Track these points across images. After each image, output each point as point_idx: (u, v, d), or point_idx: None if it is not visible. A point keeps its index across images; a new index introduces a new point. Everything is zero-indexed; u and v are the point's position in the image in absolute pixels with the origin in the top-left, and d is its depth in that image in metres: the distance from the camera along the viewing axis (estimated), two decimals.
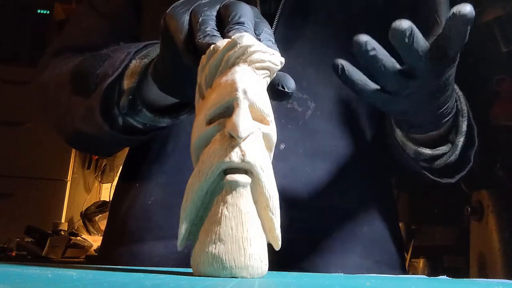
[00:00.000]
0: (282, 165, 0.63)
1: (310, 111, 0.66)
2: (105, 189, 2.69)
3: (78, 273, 0.36)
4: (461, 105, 0.61)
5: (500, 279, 0.52)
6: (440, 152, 0.62)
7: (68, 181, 2.18)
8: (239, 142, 0.36)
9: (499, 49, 0.95)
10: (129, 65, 0.58)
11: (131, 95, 0.58)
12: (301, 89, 0.66)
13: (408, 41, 0.45)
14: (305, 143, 0.65)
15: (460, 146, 0.61)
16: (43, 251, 1.71)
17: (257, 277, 0.37)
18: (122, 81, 0.58)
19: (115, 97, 0.59)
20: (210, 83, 0.40)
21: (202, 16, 0.42)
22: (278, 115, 0.64)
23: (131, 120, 0.60)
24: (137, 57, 0.58)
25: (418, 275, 0.50)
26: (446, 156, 0.62)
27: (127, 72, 0.58)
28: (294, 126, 0.65)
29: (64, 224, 2.02)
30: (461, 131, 0.61)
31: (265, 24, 0.43)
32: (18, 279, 0.30)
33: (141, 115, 0.59)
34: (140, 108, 0.58)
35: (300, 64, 0.67)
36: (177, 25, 0.44)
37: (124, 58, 0.59)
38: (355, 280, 0.42)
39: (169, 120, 0.60)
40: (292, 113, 0.66)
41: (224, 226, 0.36)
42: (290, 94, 0.41)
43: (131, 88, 0.58)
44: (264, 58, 0.39)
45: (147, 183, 0.67)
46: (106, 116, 0.60)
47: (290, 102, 0.65)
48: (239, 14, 0.41)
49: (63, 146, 2.18)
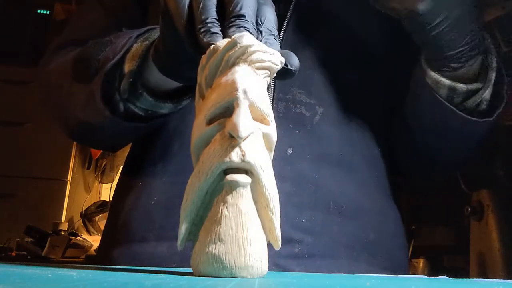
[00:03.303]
0: (290, 170, 0.63)
1: (318, 116, 0.66)
2: (105, 189, 2.69)
3: (78, 273, 0.35)
4: (489, 44, 0.62)
5: (500, 279, 0.52)
6: (475, 87, 0.62)
7: (68, 181, 2.18)
8: (239, 142, 0.36)
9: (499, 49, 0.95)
10: (130, 48, 0.58)
11: (132, 78, 0.57)
12: (309, 94, 0.66)
13: None
14: (312, 148, 0.65)
15: (493, 80, 0.61)
16: (43, 251, 1.71)
17: (257, 277, 0.37)
18: (123, 65, 0.58)
19: (116, 82, 0.58)
20: (210, 83, 0.40)
21: (204, 1, 0.41)
22: (286, 120, 0.65)
23: (132, 107, 0.59)
24: (138, 41, 0.58)
25: (418, 275, 0.50)
26: (481, 91, 0.62)
27: (128, 56, 0.58)
28: (302, 131, 0.65)
29: (64, 224, 2.02)
30: (492, 67, 0.61)
31: (268, 8, 0.43)
32: (18, 279, 0.30)
33: (142, 100, 0.58)
34: (141, 91, 0.58)
35: (309, 69, 0.67)
36: (177, 8, 0.43)
37: (125, 42, 0.58)
38: (355, 280, 0.42)
39: (171, 105, 0.59)
40: (300, 118, 0.66)
41: (224, 226, 0.36)
42: (293, 71, 0.41)
43: (132, 71, 0.57)
44: (264, 58, 0.39)
45: (150, 182, 0.66)
46: (107, 102, 0.59)
47: (298, 106, 0.66)
48: (241, 3, 0.40)
49: (63, 146, 2.18)
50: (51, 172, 2.16)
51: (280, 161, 0.62)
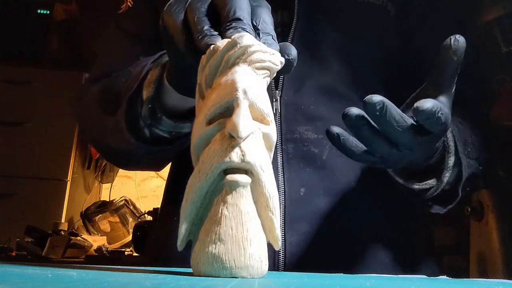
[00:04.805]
0: (305, 209, 0.64)
1: (326, 151, 0.67)
2: (105, 189, 2.69)
3: (78, 273, 0.35)
4: (447, 141, 0.61)
5: (500, 279, 0.52)
6: (427, 187, 0.61)
7: (68, 181, 2.18)
8: (239, 142, 0.36)
9: (499, 49, 0.95)
10: (146, 75, 0.59)
11: (150, 104, 0.59)
12: (316, 130, 0.67)
13: (380, 114, 0.46)
14: (324, 183, 0.66)
15: (445, 181, 0.61)
16: (43, 251, 1.70)
17: (257, 277, 0.37)
18: (142, 93, 0.59)
19: (138, 109, 0.60)
20: (210, 83, 0.40)
21: (197, 14, 0.42)
22: (296, 160, 0.66)
23: (157, 131, 0.60)
24: (153, 67, 0.59)
25: (418, 275, 0.50)
26: (433, 190, 0.61)
27: (145, 83, 0.59)
28: (313, 168, 0.66)
29: (64, 224, 2.02)
30: (447, 167, 0.60)
31: (263, 9, 0.43)
32: (18, 279, 0.30)
33: (162, 123, 0.60)
34: (159, 116, 0.59)
35: (312, 103, 0.67)
36: (175, 26, 0.44)
37: (141, 70, 0.60)
38: (355, 280, 0.42)
39: (191, 124, 0.60)
40: (310, 156, 0.66)
41: (224, 226, 0.36)
42: (292, 61, 0.41)
43: (149, 97, 0.58)
44: (264, 58, 0.39)
45: None
46: (133, 129, 0.61)
47: (306, 145, 0.66)
48: (234, 7, 0.40)
49: (63, 146, 2.18)
50: (51, 172, 2.16)
51: (294, 201, 0.64)
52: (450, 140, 0.61)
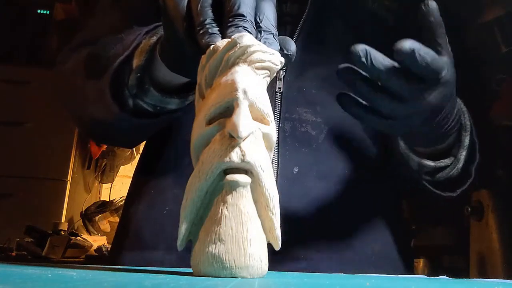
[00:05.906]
0: (296, 189, 0.64)
1: (323, 135, 0.67)
2: (105, 189, 2.70)
3: (78, 273, 0.35)
4: (464, 120, 0.61)
5: (500, 279, 0.52)
6: (443, 165, 0.62)
7: (68, 181, 2.18)
8: (239, 142, 0.36)
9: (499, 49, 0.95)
10: (139, 44, 0.58)
11: (139, 73, 0.58)
12: (315, 113, 0.67)
13: (366, 61, 0.47)
14: (318, 166, 0.66)
15: (462, 159, 0.61)
16: (43, 251, 1.71)
17: (257, 277, 0.37)
18: (132, 61, 0.58)
19: (125, 78, 0.59)
20: (210, 83, 0.40)
21: (201, 3, 0.41)
22: (292, 139, 0.65)
23: (141, 102, 0.60)
24: (147, 36, 0.59)
25: (418, 275, 0.50)
26: (448, 169, 0.62)
27: (137, 51, 0.58)
28: (308, 149, 0.66)
29: (64, 224, 2.02)
30: (464, 145, 0.61)
31: (267, 4, 0.43)
32: (18, 279, 0.30)
33: (149, 95, 0.59)
34: (147, 86, 0.58)
35: (314, 87, 0.67)
36: (176, 10, 0.43)
37: (134, 38, 0.59)
38: (355, 280, 0.42)
39: (178, 100, 0.60)
40: (306, 137, 0.66)
41: (224, 226, 0.36)
42: (290, 56, 0.42)
43: (139, 66, 0.58)
44: (264, 58, 0.39)
45: (162, 192, 0.67)
46: (117, 98, 0.60)
47: (304, 126, 0.66)
48: (239, 1, 0.40)
49: (63, 146, 2.18)
50: (51, 172, 2.16)
51: (286, 179, 0.64)
52: (467, 119, 0.61)
